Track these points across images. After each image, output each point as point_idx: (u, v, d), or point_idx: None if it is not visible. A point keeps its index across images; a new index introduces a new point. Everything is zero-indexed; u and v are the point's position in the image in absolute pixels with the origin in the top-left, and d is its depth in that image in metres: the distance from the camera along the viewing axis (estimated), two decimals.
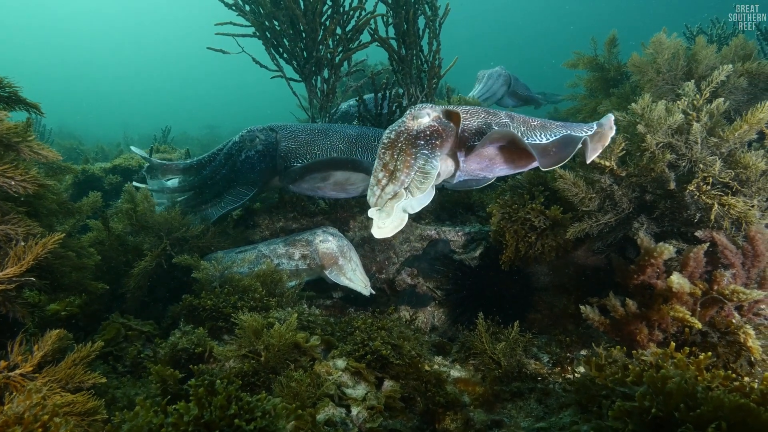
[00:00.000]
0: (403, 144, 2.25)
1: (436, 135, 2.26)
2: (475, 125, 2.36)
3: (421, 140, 2.24)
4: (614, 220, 2.87)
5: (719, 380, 1.78)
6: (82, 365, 1.95)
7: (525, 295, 3.38)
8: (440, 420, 2.53)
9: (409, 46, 4.49)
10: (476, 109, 2.46)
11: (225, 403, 1.13)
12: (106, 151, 9.84)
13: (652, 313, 2.46)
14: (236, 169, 3.61)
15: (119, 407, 2.30)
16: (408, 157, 2.22)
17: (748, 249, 2.43)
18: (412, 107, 2.35)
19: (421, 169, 2.21)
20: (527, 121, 2.46)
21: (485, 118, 2.39)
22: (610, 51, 4.67)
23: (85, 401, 1.76)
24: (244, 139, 3.59)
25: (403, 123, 2.30)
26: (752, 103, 3.18)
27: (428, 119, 2.28)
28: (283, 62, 4.71)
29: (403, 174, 2.21)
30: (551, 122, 2.52)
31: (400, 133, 2.28)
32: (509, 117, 2.45)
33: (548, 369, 2.80)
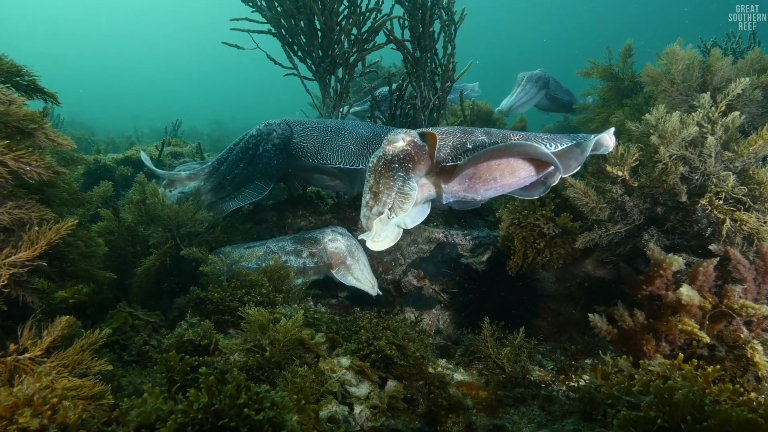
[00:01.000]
0: (382, 168, 2.41)
1: (409, 158, 2.39)
2: (450, 144, 2.44)
3: (395, 163, 2.39)
4: (624, 230, 2.86)
5: (727, 394, 1.77)
6: (90, 352, 1.97)
7: (531, 301, 3.37)
8: (442, 422, 2.52)
9: (424, 48, 4.50)
10: (452, 129, 2.52)
11: (235, 392, 1.14)
12: (117, 143, 9.90)
13: (660, 324, 2.45)
14: (254, 162, 3.65)
15: (125, 394, 2.31)
16: (387, 180, 2.38)
17: (760, 265, 2.42)
18: (390, 132, 2.46)
19: (400, 190, 2.35)
20: (507, 136, 2.48)
21: (460, 138, 2.46)
22: (625, 61, 4.66)
23: (92, 386, 1.78)
24: (261, 132, 3.61)
25: (381, 149, 2.45)
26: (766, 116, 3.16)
27: (402, 143, 2.41)
28: (298, 60, 4.73)
29: (384, 195, 2.37)
30: (535, 135, 2.49)
31: (379, 158, 2.44)
32: (486, 133, 2.49)
33: (552, 376, 2.80)
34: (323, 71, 4.67)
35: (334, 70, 4.67)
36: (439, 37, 4.57)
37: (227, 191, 3.85)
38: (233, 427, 1.08)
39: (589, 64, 4.89)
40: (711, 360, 2.39)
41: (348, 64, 4.62)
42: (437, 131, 2.46)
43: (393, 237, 2.43)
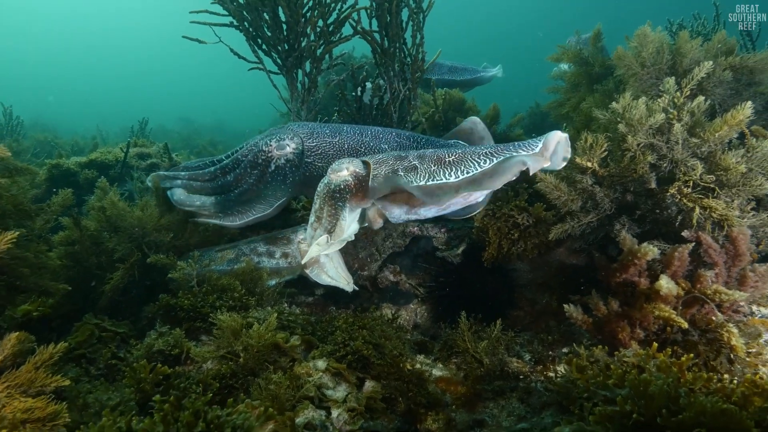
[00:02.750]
0: (325, 195, 2.55)
1: (348, 189, 2.52)
2: (383, 174, 2.49)
3: (337, 193, 2.53)
4: (596, 220, 2.86)
5: (701, 382, 1.77)
6: (44, 368, 1.87)
7: (507, 292, 3.36)
8: (422, 420, 2.50)
9: (392, 39, 4.42)
10: (387, 156, 2.57)
11: (192, 419, 1.08)
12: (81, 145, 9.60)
13: (634, 311, 2.45)
14: (264, 179, 3.23)
15: (91, 413, 2.22)
16: (330, 207, 2.55)
17: (730, 249, 2.43)
18: (336, 162, 2.56)
19: (337, 218, 2.55)
20: (441, 158, 2.42)
21: (393, 164, 2.50)
22: (595, 45, 4.65)
23: (44, 406, 1.69)
24: (271, 149, 3.18)
25: (328, 176, 2.56)
26: (735, 98, 3.18)
27: (345, 173, 2.52)
28: (263, 54, 4.60)
29: (326, 221, 2.56)
30: (476, 152, 2.37)
31: (324, 186, 2.57)
32: (419, 158, 2.49)
33: (530, 367, 2.79)
34: (290, 65, 4.56)
35: (301, 64, 4.57)
36: (407, 26, 4.50)
37: (232, 206, 3.40)
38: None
39: (558, 49, 4.87)
40: (685, 344, 2.41)
41: (315, 57, 4.51)
42: (373, 160, 2.55)
43: (322, 252, 2.66)
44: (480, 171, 2.27)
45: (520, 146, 2.32)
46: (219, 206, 3.29)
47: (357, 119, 4.67)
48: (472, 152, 2.38)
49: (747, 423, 1.46)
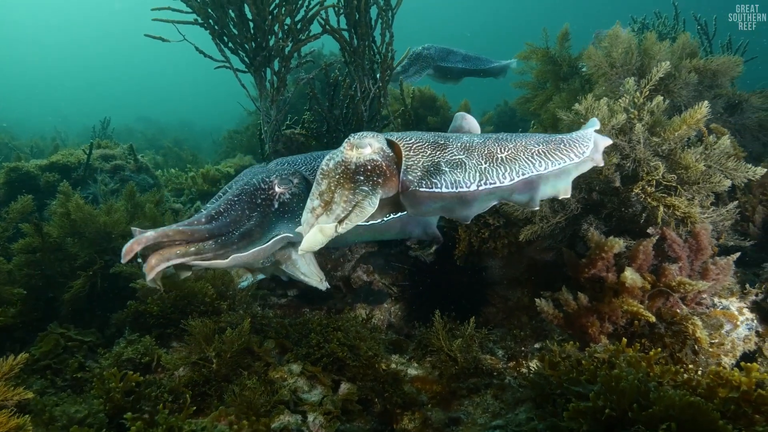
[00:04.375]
0: (341, 177, 1.99)
1: (379, 172, 1.97)
2: (421, 166, 1.98)
3: (360, 175, 1.97)
4: (564, 220, 2.92)
5: (669, 375, 1.82)
6: (5, 381, 1.80)
7: (480, 289, 3.40)
8: (398, 420, 2.51)
9: (361, 37, 4.39)
10: (422, 140, 2.05)
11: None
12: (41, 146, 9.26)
13: (603, 306, 2.51)
14: (270, 219, 2.68)
15: (58, 427, 2.15)
16: (347, 192, 1.99)
17: (693, 243, 2.51)
18: (352, 134, 2.05)
19: (359, 205, 1.97)
20: (492, 153, 1.97)
21: (432, 155, 2.00)
22: (562, 45, 4.73)
23: (6, 421, 1.63)
24: (271, 185, 2.65)
25: (341, 153, 2.02)
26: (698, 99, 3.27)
27: (369, 150, 1.99)
28: (229, 52, 4.51)
29: (339, 208, 1.99)
30: (527, 148, 1.99)
31: (338, 164, 2.01)
32: (465, 149, 2.00)
33: (503, 364, 2.83)
34: (258, 63, 4.48)
35: (269, 62, 4.49)
36: (376, 24, 4.48)
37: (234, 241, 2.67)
38: None
39: (527, 47, 4.93)
40: (652, 337, 2.48)
41: (283, 55, 4.45)
42: (403, 142, 2.03)
43: (323, 242, 2.07)
44: (536, 174, 1.90)
45: (570, 144, 1.99)
46: (220, 245, 2.53)
47: (329, 118, 4.63)
48: (524, 148, 2.00)
49: (713, 414, 1.51)
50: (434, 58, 6.72)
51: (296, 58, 4.54)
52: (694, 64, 3.21)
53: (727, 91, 3.46)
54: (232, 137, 10.45)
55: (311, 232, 1.96)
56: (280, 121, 4.75)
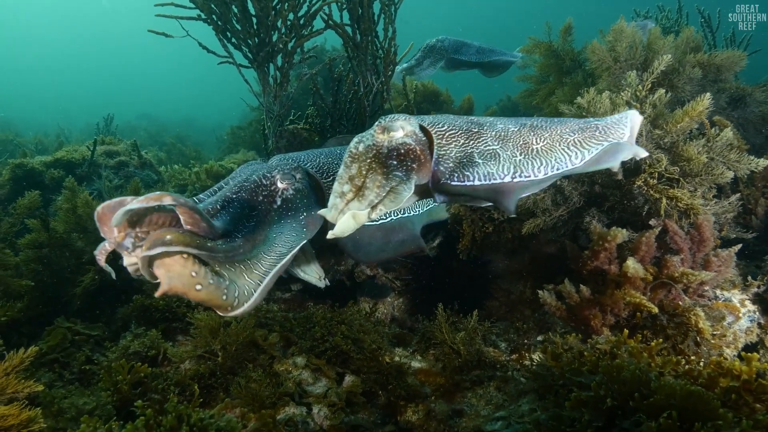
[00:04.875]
0: (373, 161, 1.91)
1: (413, 156, 1.90)
2: (453, 157, 1.91)
3: (393, 160, 1.90)
4: (566, 213, 2.93)
5: (671, 366, 1.84)
6: (16, 374, 1.83)
7: (483, 282, 3.42)
8: (402, 412, 2.53)
9: (364, 32, 4.40)
10: (455, 127, 1.97)
11: (175, 423, 1.08)
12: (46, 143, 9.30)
13: (605, 298, 2.52)
14: (271, 218, 2.42)
15: (67, 418, 2.18)
16: (380, 177, 1.90)
17: (695, 235, 2.52)
18: (383, 117, 1.96)
19: (393, 190, 1.89)
20: (527, 143, 1.91)
21: (465, 146, 1.93)
22: (565, 39, 4.72)
23: (18, 413, 1.66)
24: (272, 179, 2.46)
25: (372, 137, 1.94)
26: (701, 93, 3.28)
27: (401, 134, 1.91)
28: (232, 48, 4.53)
29: (372, 193, 1.89)
30: (562, 137, 1.92)
31: (369, 148, 1.93)
32: (499, 139, 1.94)
33: (506, 356, 2.85)
34: (261, 59, 4.50)
35: (272, 58, 4.51)
36: (379, 19, 4.48)
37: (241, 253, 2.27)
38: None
39: (530, 41, 4.93)
40: (654, 328, 2.49)
41: (286, 51, 4.47)
42: (435, 129, 1.96)
43: (354, 228, 1.96)
44: (570, 168, 1.85)
45: (606, 130, 1.93)
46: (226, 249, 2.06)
47: (333, 113, 4.64)
48: (559, 138, 1.93)
49: (714, 403, 1.53)
50: (448, 50, 6.61)
51: (299, 53, 4.56)
52: (698, 58, 3.20)
53: (730, 85, 3.45)
54: (235, 133, 10.48)
55: (344, 218, 1.88)
56: (283, 117, 4.77)
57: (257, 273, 1.91)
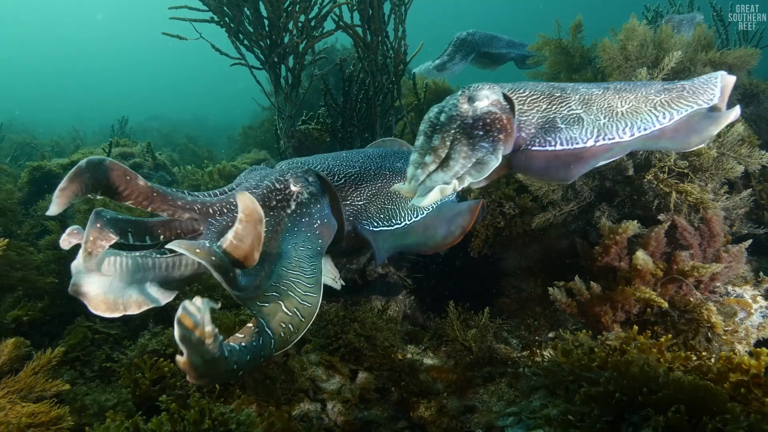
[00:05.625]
0: (457, 132, 1.86)
1: (499, 126, 1.83)
2: (534, 122, 1.87)
3: (479, 130, 1.84)
4: (577, 208, 2.94)
5: (680, 361, 1.86)
6: (43, 373, 1.90)
7: (494, 280, 3.44)
8: (415, 408, 2.57)
9: (375, 32, 4.44)
10: (536, 92, 1.92)
11: (198, 417, 1.13)
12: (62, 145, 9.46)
13: (615, 294, 2.54)
14: (284, 224, 2.26)
15: (90, 414, 2.25)
16: (465, 147, 1.85)
17: (705, 230, 2.53)
18: (467, 86, 1.91)
19: (480, 161, 1.84)
20: (612, 107, 1.86)
21: (547, 111, 1.88)
22: (575, 36, 4.72)
23: (48, 410, 1.72)
24: (286, 183, 2.32)
25: (455, 106, 1.89)
26: None
27: (486, 103, 1.85)
28: (245, 49, 4.60)
29: (457, 164, 1.84)
30: (648, 98, 1.88)
31: (452, 118, 1.88)
32: (583, 103, 1.89)
33: (518, 353, 2.88)
34: (273, 61, 4.56)
35: (284, 59, 4.57)
36: (389, 19, 4.52)
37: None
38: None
39: (539, 38, 4.93)
40: (664, 324, 2.50)
41: (298, 52, 4.52)
42: (517, 95, 1.91)
43: (438, 200, 1.93)
44: (659, 128, 1.80)
45: (694, 91, 1.87)
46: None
47: (344, 113, 4.69)
48: (645, 99, 1.88)
49: (723, 396, 1.55)
50: (479, 43, 6.49)
51: (310, 54, 4.61)
52: (709, 57, 3.19)
53: (743, 82, 3.44)
54: (247, 133, 10.57)
55: (433, 192, 1.81)
56: (295, 117, 4.83)
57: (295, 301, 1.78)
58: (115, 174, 1.67)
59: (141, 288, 1.86)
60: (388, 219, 2.41)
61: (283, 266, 1.95)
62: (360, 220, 2.40)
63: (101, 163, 1.63)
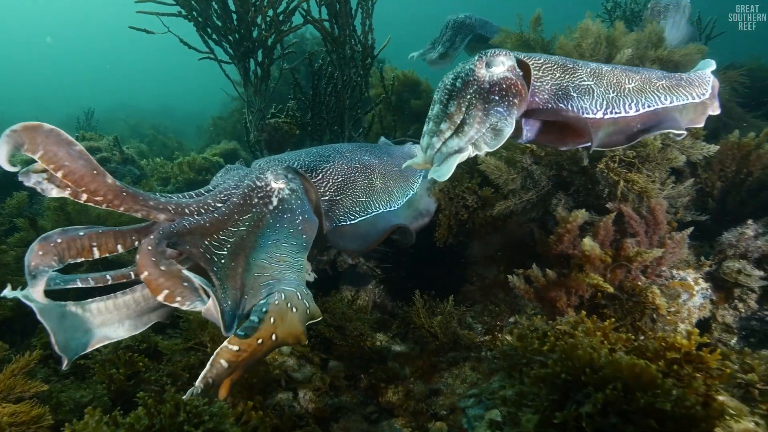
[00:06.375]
0: (473, 97, 1.90)
1: (515, 91, 1.90)
2: (548, 88, 1.96)
3: (495, 95, 1.89)
4: (535, 196, 3.09)
5: (622, 342, 2.02)
6: (22, 375, 1.96)
7: (459, 269, 3.59)
8: (383, 393, 2.70)
9: (342, 26, 4.50)
10: (551, 61, 2.00)
11: (174, 410, 1.22)
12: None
13: (569, 280, 2.70)
14: (266, 221, 2.23)
15: (65, 411, 2.32)
16: (479, 112, 1.89)
17: (650, 219, 2.71)
18: (484, 51, 1.94)
19: (494, 127, 1.88)
20: (620, 82, 1.98)
21: (560, 79, 1.97)
22: (535, 29, 4.84)
23: (29, 410, 1.79)
24: (266, 180, 2.29)
25: (472, 72, 1.93)
26: None
27: (503, 68, 1.90)
28: (213, 44, 4.60)
29: (472, 129, 1.89)
30: (651, 80, 2.03)
31: (468, 83, 1.92)
32: (594, 76, 1.98)
33: (481, 338, 3.03)
34: (241, 55, 4.58)
35: (252, 53, 4.59)
36: (356, 13, 4.57)
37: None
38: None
39: (501, 32, 5.04)
40: (614, 307, 2.68)
41: (266, 46, 4.54)
42: (533, 61, 1.98)
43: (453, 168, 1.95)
44: (662, 107, 1.95)
45: (690, 83, 2.06)
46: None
47: (313, 106, 4.74)
48: (649, 81, 2.03)
49: (655, 374, 1.71)
50: (475, 26, 6.49)
51: (279, 49, 4.64)
52: (657, 54, 3.36)
53: None
54: (217, 123, 10.48)
55: (451, 161, 1.89)
56: (264, 111, 4.87)
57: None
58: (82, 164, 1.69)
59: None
60: (364, 210, 2.55)
61: (263, 259, 2.03)
62: (337, 215, 2.50)
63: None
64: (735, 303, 2.78)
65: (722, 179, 3.32)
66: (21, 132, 1.60)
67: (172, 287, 1.61)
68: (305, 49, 8.27)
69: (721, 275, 2.79)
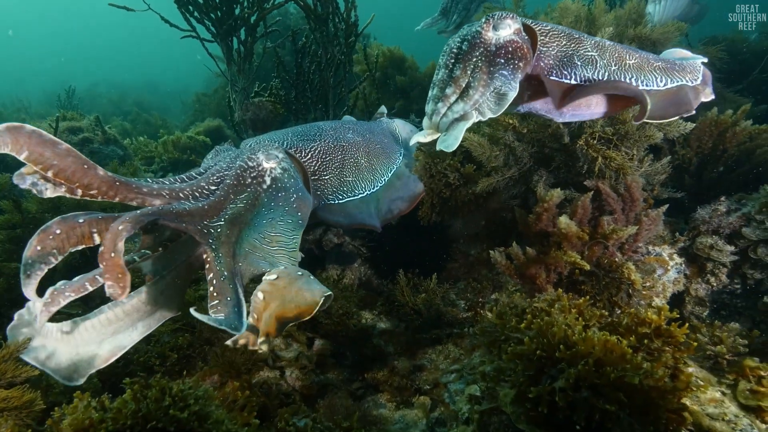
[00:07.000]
0: (479, 59, 1.91)
1: (520, 55, 1.91)
2: (553, 54, 1.99)
3: (500, 58, 1.90)
4: (518, 173, 3.14)
5: (596, 318, 2.10)
6: (13, 360, 1.99)
7: (443, 246, 3.65)
8: (368, 370, 2.78)
9: (325, 3, 4.44)
10: (557, 29, 2.04)
11: (159, 395, 1.26)
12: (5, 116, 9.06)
13: (548, 258, 2.77)
14: (261, 200, 2.26)
15: (56, 393, 2.37)
16: (484, 75, 1.91)
17: (626, 196, 2.77)
18: (491, 14, 1.95)
19: (498, 91, 1.91)
20: (622, 57, 2.05)
21: (566, 47, 2.01)
22: (517, 5, 4.82)
23: (20, 395, 1.83)
24: (258, 160, 2.29)
25: (478, 34, 1.92)
26: None
27: (510, 31, 1.90)
28: (195, 21, 4.53)
29: (477, 93, 1.91)
30: (649, 60, 2.12)
31: (474, 46, 1.92)
32: (597, 48, 2.04)
33: (463, 314, 3.11)
34: (224, 33, 4.51)
35: (235, 31, 4.53)
36: None
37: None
38: (162, 427, 1.22)
39: (484, 9, 5.02)
40: (591, 283, 2.76)
41: (249, 24, 4.48)
42: (539, 27, 2.00)
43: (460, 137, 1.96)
44: (656, 88, 2.04)
45: (683, 68, 2.15)
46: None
47: (297, 85, 4.71)
48: (647, 60, 2.12)
49: (625, 349, 1.79)
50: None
51: (262, 27, 4.58)
52: (636, 32, 3.37)
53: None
54: (201, 100, 10.36)
55: (458, 128, 1.91)
56: (248, 90, 4.83)
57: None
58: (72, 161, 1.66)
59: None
60: (351, 191, 2.57)
61: (255, 238, 2.08)
62: (325, 194, 2.52)
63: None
64: (707, 277, 2.87)
65: (699, 155, 3.39)
66: (4, 132, 1.57)
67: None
68: (290, 25, 8.15)
69: (694, 251, 2.88)
